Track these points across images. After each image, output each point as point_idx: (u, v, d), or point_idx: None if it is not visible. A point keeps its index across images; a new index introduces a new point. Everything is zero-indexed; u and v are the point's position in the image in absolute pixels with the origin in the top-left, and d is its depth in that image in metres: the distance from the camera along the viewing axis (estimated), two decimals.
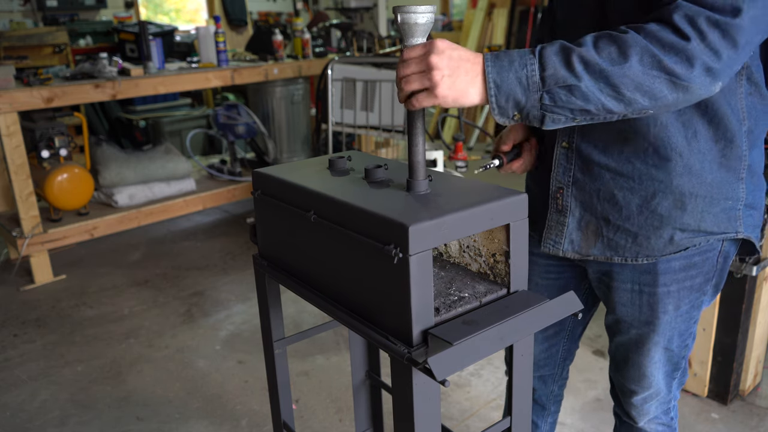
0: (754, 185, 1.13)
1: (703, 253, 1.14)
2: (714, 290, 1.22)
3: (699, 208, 1.09)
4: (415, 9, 0.92)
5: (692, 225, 1.10)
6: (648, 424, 1.35)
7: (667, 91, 0.89)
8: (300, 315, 2.92)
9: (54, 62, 5.22)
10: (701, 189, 1.08)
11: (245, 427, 2.16)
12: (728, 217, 1.11)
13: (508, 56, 0.92)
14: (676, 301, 1.17)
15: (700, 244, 1.12)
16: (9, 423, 2.20)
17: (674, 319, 1.19)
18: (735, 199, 1.10)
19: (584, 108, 0.91)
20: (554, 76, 0.89)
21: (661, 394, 1.30)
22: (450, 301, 0.98)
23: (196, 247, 3.85)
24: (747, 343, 2.17)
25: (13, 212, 3.54)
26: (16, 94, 3.06)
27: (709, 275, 1.17)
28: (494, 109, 0.93)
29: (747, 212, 1.13)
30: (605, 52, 0.89)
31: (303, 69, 4.25)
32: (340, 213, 0.98)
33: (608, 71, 0.88)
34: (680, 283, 1.16)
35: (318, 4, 8.26)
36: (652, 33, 0.88)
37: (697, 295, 1.19)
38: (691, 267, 1.15)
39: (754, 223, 1.15)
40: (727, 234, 1.12)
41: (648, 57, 0.87)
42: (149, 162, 3.85)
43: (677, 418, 1.39)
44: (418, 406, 0.91)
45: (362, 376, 1.55)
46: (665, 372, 1.27)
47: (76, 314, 3.01)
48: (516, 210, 0.97)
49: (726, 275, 1.23)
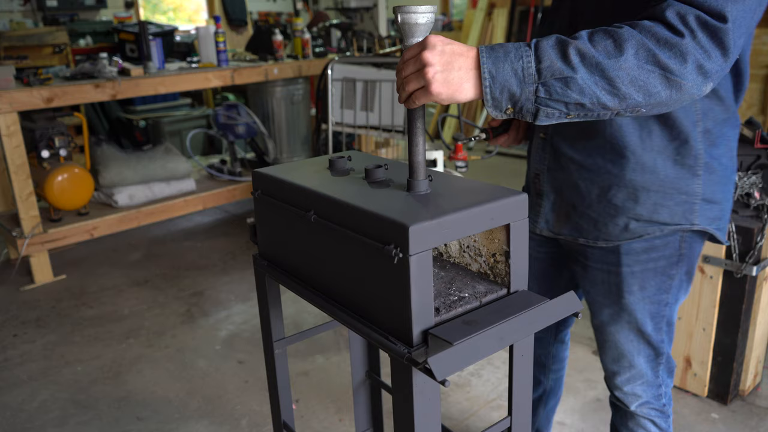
0: (713, 181, 1.20)
1: (663, 237, 1.22)
2: (686, 277, 1.29)
3: (652, 200, 1.18)
4: (415, 9, 0.92)
5: (645, 216, 1.19)
6: (639, 408, 1.40)
7: (661, 87, 0.90)
8: (300, 315, 2.92)
9: (54, 62, 5.22)
10: (654, 184, 1.17)
11: (245, 427, 2.16)
12: (683, 210, 1.19)
13: (503, 48, 0.91)
14: (641, 281, 1.25)
15: (654, 233, 1.20)
16: (9, 423, 2.20)
17: (641, 300, 1.27)
18: (690, 194, 1.18)
19: (579, 102, 0.90)
20: (551, 68, 0.89)
21: (646, 377, 1.36)
22: (450, 301, 0.98)
23: (196, 247, 3.85)
24: (747, 343, 2.17)
25: (13, 212, 3.54)
26: (16, 94, 3.06)
27: (672, 259, 1.24)
28: (488, 102, 0.91)
29: (705, 206, 1.20)
30: (601, 45, 0.89)
31: (303, 69, 4.25)
32: (340, 213, 0.98)
33: (604, 64, 0.88)
34: (643, 264, 1.24)
35: (318, 4, 8.27)
36: (646, 28, 0.89)
37: (663, 278, 1.26)
38: (653, 249, 1.23)
39: (714, 216, 1.22)
40: (682, 225, 1.20)
41: (643, 51, 0.88)
42: (149, 162, 3.85)
43: (671, 406, 1.43)
44: (418, 406, 0.91)
45: (362, 376, 1.55)
46: (646, 356, 1.34)
47: (76, 314, 3.01)
48: (516, 210, 0.97)
49: (696, 263, 1.29)
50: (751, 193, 2.09)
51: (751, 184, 2.08)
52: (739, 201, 2.10)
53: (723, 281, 2.09)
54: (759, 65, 4.92)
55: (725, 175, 1.22)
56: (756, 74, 4.95)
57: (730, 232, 2.04)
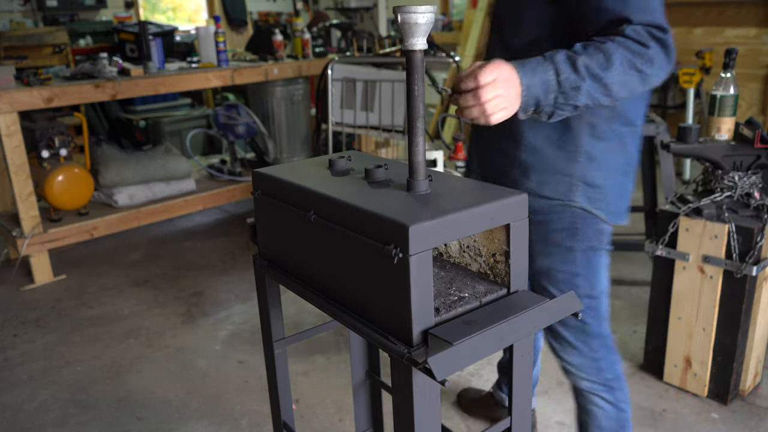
0: (595, 169, 1.37)
1: (555, 213, 1.39)
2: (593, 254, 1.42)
3: (538, 177, 1.38)
4: (415, 9, 0.92)
5: (534, 190, 1.39)
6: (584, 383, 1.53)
7: (639, 86, 1.17)
8: (300, 315, 2.92)
9: (54, 62, 5.22)
10: (540, 163, 1.37)
11: (245, 427, 2.16)
12: (565, 189, 1.37)
13: (530, 63, 1.12)
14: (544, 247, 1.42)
15: (541, 207, 1.39)
16: (9, 423, 2.20)
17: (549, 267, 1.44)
18: (570, 175, 1.36)
19: (585, 103, 1.15)
20: (568, 79, 1.12)
21: (577, 349, 1.48)
22: (450, 301, 0.98)
23: (196, 247, 3.85)
24: (747, 343, 2.17)
25: (13, 212, 3.54)
26: (16, 94, 3.06)
27: (569, 232, 1.40)
28: (520, 108, 1.12)
29: (587, 189, 1.37)
30: (595, 58, 1.12)
31: (303, 69, 4.24)
32: (340, 213, 0.98)
33: (601, 75, 1.12)
34: (544, 235, 1.41)
35: (318, 4, 8.26)
36: (623, 43, 1.14)
37: (562, 249, 1.41)
38: (549, 222, 1.40)
39: (595, 198, 1.39)
40: (562, 201, 1.38)
41: (625, 60, 1.13)
42: (149, 162, 3.85)
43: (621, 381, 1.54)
44: (418, 406, 0.91)
45: (362, 376, 1.55)
46: (569, 327, 1.47)
47: (76, 314, 3.01)
48: (516, 210, 0.97)
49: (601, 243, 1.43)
50: (751, 193, 2.09)
51: (751, 184, 2.08)
52: (739, 201, 2.10)
53: (723, 281, 2.09)
54: (759, 65, 4.92)
55: (609, 167, 1.37)
56: (756, 74, 4.95)
57: (730, 232, 2.04)
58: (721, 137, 2.14)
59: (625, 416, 1.55)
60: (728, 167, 2.11)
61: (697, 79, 4.55)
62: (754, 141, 2.05)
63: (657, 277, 2.28)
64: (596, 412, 1.54)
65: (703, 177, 2.26)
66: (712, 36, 5.09)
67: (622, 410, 1.54)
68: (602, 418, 1.54)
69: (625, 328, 2.71)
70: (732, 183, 2.09)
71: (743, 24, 4.91)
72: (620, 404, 1.54)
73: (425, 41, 0.95)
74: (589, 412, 1.55)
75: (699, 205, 2.10)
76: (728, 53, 2.10)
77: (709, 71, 4.67)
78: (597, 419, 1.55)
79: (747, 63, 4.91)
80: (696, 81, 4.55)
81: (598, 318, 1.48)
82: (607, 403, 1.53)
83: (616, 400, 1.53)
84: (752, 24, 4.88)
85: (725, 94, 2.10)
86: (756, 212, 2.08)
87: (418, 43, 0.94)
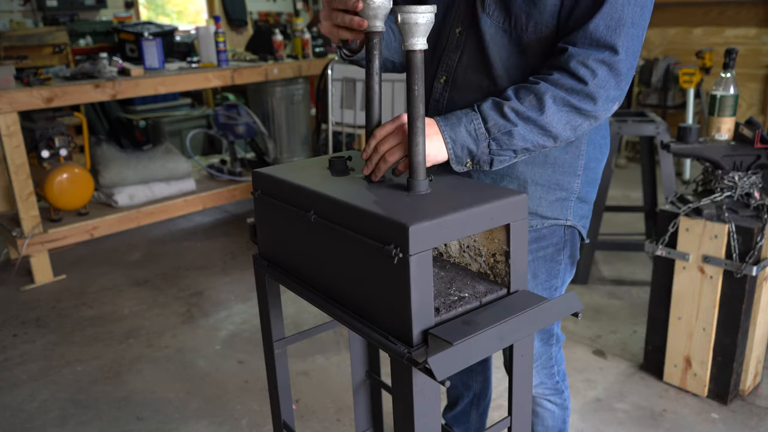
0: (587, 181, 1.31)
1: (549, 227, 1.31)
2: (569, 261, 1.37)
3: (537, 194, 1.27)
4: (415, 9, 0.92)
5: (530, 208, 1.27)
6: (535, 389, 1.48)
7: (582, 122, 1.09)
8: (300, 315, 2.92)
9: (54, 62, 5.22)
10: (541, 178, 1.26)
11: (245, 427, 2.16)
12: (561, 207, 1.29)
13: (455, 115, 1.09)
14: (533, 270, 1.33)
15: (535, 225, 1.29)
16: (9, 423, 2.20)
17: (534, 287, 1.35)
18: (569, 191, 1.29)
19: (524, 147, 1.10)
20: (496, 125, 1.08)
21: (541, 359, 1.44)
22: (450, 301, 0.98)
23: (196, 247, 3.85)
24: (747, 343, 2.17)
25: (13, 212, 3.54)
26: (16, 94, 3.06)
27: (559, 246, 1.33)
28: (452, 159, 1.09)
29: (578, 204, 1.31)
30: (526, 101, 1.07)
31: (303, 69, 4.24)
32: (340, 213, 0.98)
33: (534, 117, 1.07)
34: (534, 253, 1.31)
35: (318, 4, 8.26)
36: (556, 81, 1.07)
37: (551, 265, 1.34)
38: (542, 239, 1.31)
39: (582, 214, 1.33)
40: (558, 220, 1.30)
41: (559, 99, 1.06)
42: (149, 162, 3.85)
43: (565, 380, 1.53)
44: (418, 406, 0.91)
45: (362, 376, 1.55)
46: (540, 338, 1.42)
47: (76, 314, 3.01)
48: (516, 210, 0.97)
49: (578, 247, 1.38)
50: (751, 193, 2.09)
51: (751, 184, 2.08)
52: (739, 201, 2.11)
53: (723, 281, 2.09)
54: (759, 65, 4.92)
55: (594, 177, 1.33)
56: (756, 74, 4.95)
57: (730, 232, 2.04)
58: (721, 137, 2.14)
59: (568, 412, 1.56)
60: (728, 167, 2.11)
61: (697, 79, 4.56)
62: (754, 141, 2.05)
63: (657, 277, 2.28)
64: (543, 413, 1.54)
65: (703, 177, 2.26)
66: (712, 36, 5.09)
67: (567, 408, 1.55)
68: (548, 418, 1.54)
69: (625, 328, 2.71)
70: (732, 183, 2.09)
71: (743, 24, 4.91)
72: (565, 402, 1.54)
73: (425, 41, 0.95)
74: (535, 413, 1.55)
75: (699, 205, 2.11)
76: (728, 53, 2.10)
77: (709, 71, 4.67)
78: (543, 419, 1.54)
79: (747, 63, 4.91)
80: (696, 81, 4.56)
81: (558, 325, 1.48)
82: (555, 405, 1.52)
83: (562, 400, 1.53)
84: (752, 24, 4.88)
85: (725, 94, 2.10)
86: (756, 212, 2.08)
87: (418, 43, 0.94)
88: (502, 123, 1.07)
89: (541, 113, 1.06)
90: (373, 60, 1.06)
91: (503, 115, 1.07)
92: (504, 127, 1.07)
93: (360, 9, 1.03)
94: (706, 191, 2.20)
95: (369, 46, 1.06)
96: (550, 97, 1.06)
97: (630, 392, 2.27)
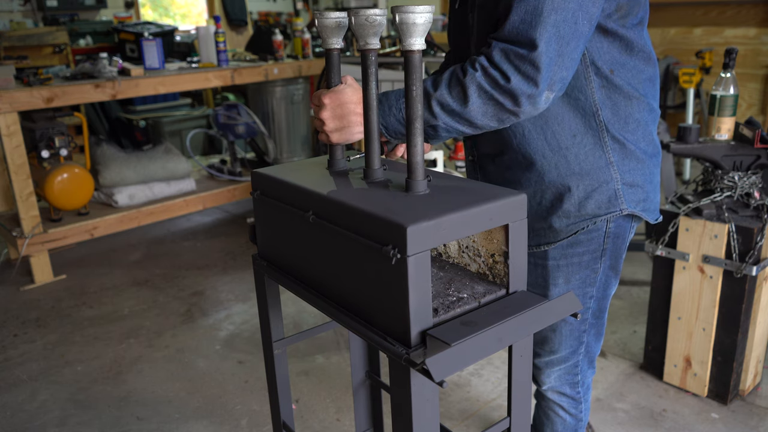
0: (629, 166, 1.23)
1: (588, 232, 1.26)
2: (612, 272, 1.34)
3: (576, 196, 1.23)
4: (413, 9, 0.92)
5: (573, 212, 1.24)
6: (551, 393, 1.47)
7: (507, 115, 1.07)
8: (300, 315, 2.92)
9: (54, 62, 5.22)
10: (572, 180, 1.22)
11: (245, 427, 2.16)
12: (608, 198, 1.23)
13: (387, 101, 1.14)
14: (566, 275, 1.31)
15: (587, 227, 1.24)
16: (9, 423, 2.20)
17: (566, 291, 1.30)
18: (609, 181, 1.23)
19: (449, 136, 1.14)
20: None
21: (565, 364, 1.42)
22: (449, 301, 0.98)
23: (196, 247, 3.85)
24: (747, 343, 2.17)
25: (13, 212, 3.54)
26: (16, 94, 3.06)
27: (596, 254, 1.29)
28: (389, 140, 1.18)
29: (628, 190, 1.24)
30: (454, 92, 1.07)
31: (303, 69, 4.24)
32: (339, 213, 0.97)
33: (458, 110, 1.07)
34: (568, 258, 1.29)
35: (318, 4, 8.26)
36: (484, 71, 1.05)
37: (587, 272, 1.31)
38: (578, 245, 1.27)
39: (639, 198, 1.26)
40: (611, 213, 1.24)
41: (483, 92, 1.05)
42: (149, 162, 3.85)
43: (588, 393, 1.50)
44: (416, 407, 0.91)
45: (362, 376, 1.55)
46: (569, 345, 1.39)
47: (76, 314, 3.01)
48: (515, 210, 0.97)
49: (622, 255, 1.33)
50: (751, 193, 2.09)
51: (751, 184, 2.08)
52: (739, 201, 2.10)
53: (723, 281, 2.09)
54: (759, 65, 4.91)
55: (642, 158, 1.25)
56: (756, 74, 4.94)
57: (730, 232, 2.04)
58: (721, 137, 2.14)
59: (581, 424, 1.52)
60: (728, 167, 2.11)
61: (697, 79, 4.55)
62: (754, 141, 2.05)
63: (657, 277, 2.27)
64: (555, 418, 1.51)
65: (703, 177, 2.26)
66: (712, 36, 5.08)
67: (581, 420, 1.51)
68: (559, 425, 1.51)
69: (625, 328, 2.71)
70: (732, 183, 2.09)
71: (743, 24, 4.91)
72: (580, 414, 1.50)
73: (423, 41, 0.95)
74: (548, 416, 1.52)
75: (699, 205, 2.10)
76: (728, 53, 2.10)
77: (709, 71, 4.67)
78: (554, 424, 1.51)
79: (747, 63, 4.90)
80: (696, 81, 4.55)
81: (598, 336, 1.43)
82: (569, 415, 1.49)
83: (577, 411, 1.49)
84: (752, 24, 4.87)
85: (725, 94, 2.10)
86: (756, 212, 2.07)
87: (416, 43, 0.94)
88: (426, 117, 1.09)
89: (465, 106, 1.07)
90: (369, 78, 1.05)
91: (429, 108, 1.09)
92: (428, 121, 1.10)
93: None
94: (706, 191, 2.20)
95: (365, 65, 1.04)
96: (474, 91, 1.05)
97: (630, 392, 2.27)
